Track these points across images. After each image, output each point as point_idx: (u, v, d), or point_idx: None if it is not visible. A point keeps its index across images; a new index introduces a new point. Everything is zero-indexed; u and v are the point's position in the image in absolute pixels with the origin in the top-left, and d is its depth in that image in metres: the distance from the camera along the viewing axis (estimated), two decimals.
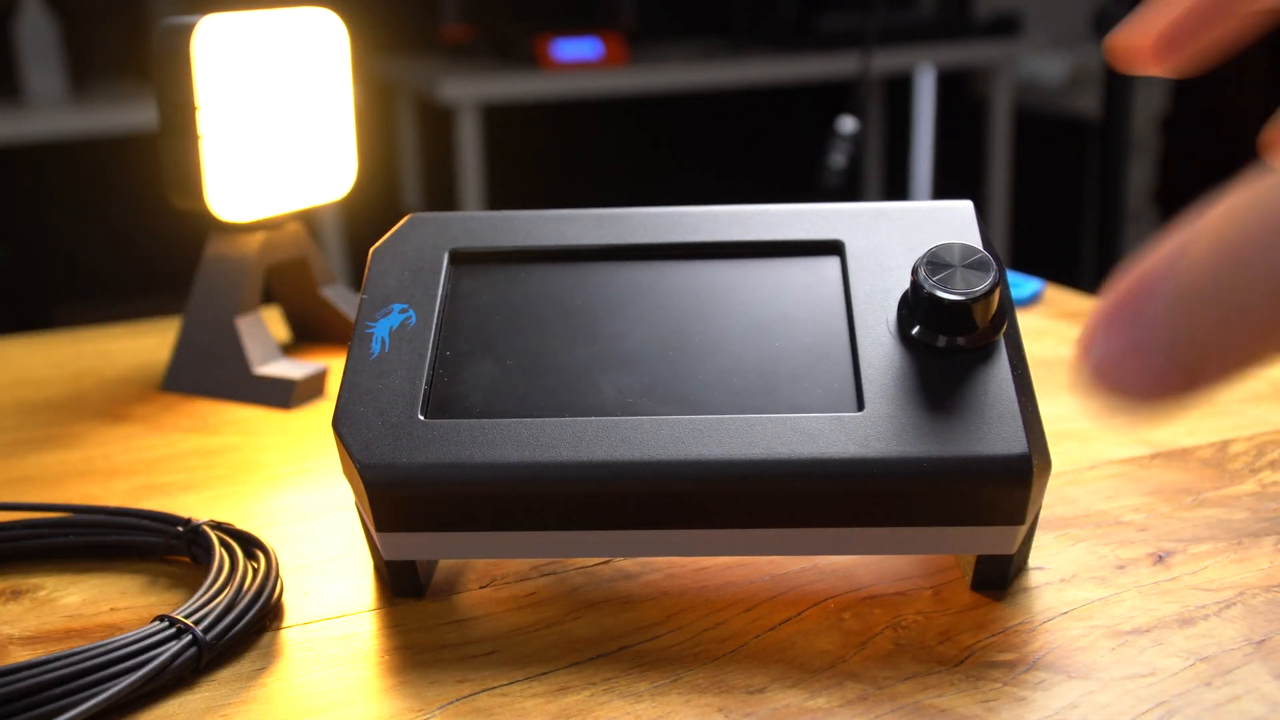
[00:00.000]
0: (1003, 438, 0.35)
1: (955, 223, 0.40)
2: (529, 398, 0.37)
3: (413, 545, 0.37)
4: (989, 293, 0.36)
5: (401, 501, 0.36)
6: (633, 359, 0.38)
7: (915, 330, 0.37)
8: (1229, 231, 0.20)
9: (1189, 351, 0.21)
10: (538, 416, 0.37)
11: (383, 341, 0.40)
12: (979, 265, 0.36)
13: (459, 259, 0.42)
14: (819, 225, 0.41)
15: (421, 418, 0.37)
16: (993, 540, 0.36)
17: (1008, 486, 0.35)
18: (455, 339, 0.40)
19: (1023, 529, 0.36)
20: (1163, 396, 0.21)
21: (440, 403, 0.38)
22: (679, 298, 0.40)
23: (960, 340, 0.36)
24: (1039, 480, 0.35)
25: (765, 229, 0.41)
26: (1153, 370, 0.21)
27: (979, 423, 0.35)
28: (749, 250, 0.41)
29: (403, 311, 0.41)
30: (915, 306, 0.37)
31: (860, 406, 0.36)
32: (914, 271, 0.36)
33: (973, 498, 0.35)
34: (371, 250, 0.42)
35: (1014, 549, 0.36)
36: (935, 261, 0.36)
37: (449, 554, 0.38)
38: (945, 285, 0.36)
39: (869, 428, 0.35)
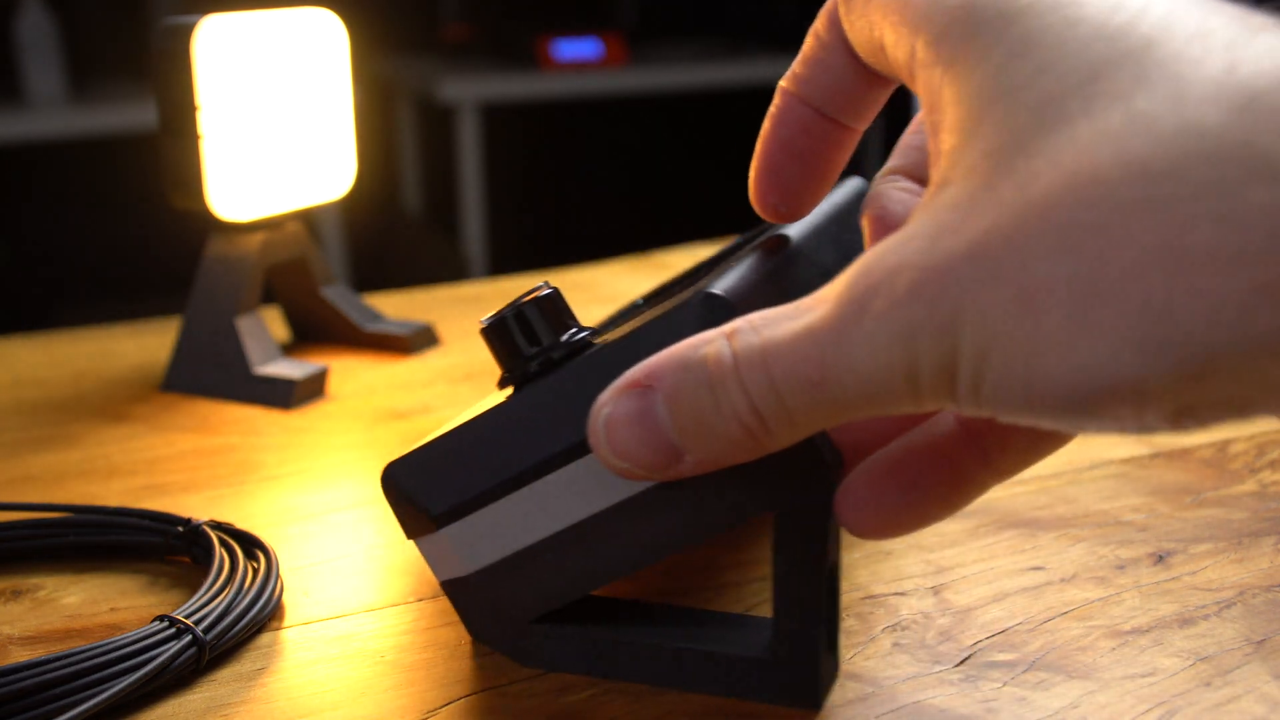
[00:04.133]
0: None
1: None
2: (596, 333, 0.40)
3: None
4: (494, 322, 0.33)
5: None
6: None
7: None
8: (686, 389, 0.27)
9: (673, 437, 0.28)
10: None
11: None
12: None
13: None
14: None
15: None
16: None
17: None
18: (683, 281, 0.45)
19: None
20: (652, 465, 0.28)
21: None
22: None
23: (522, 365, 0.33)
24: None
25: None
26: (649, 438, 0.28)
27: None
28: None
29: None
30: None
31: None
32: None
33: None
34: None
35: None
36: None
37: None
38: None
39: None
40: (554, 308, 0.33)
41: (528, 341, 0.33)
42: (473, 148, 2.26)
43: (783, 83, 0.33)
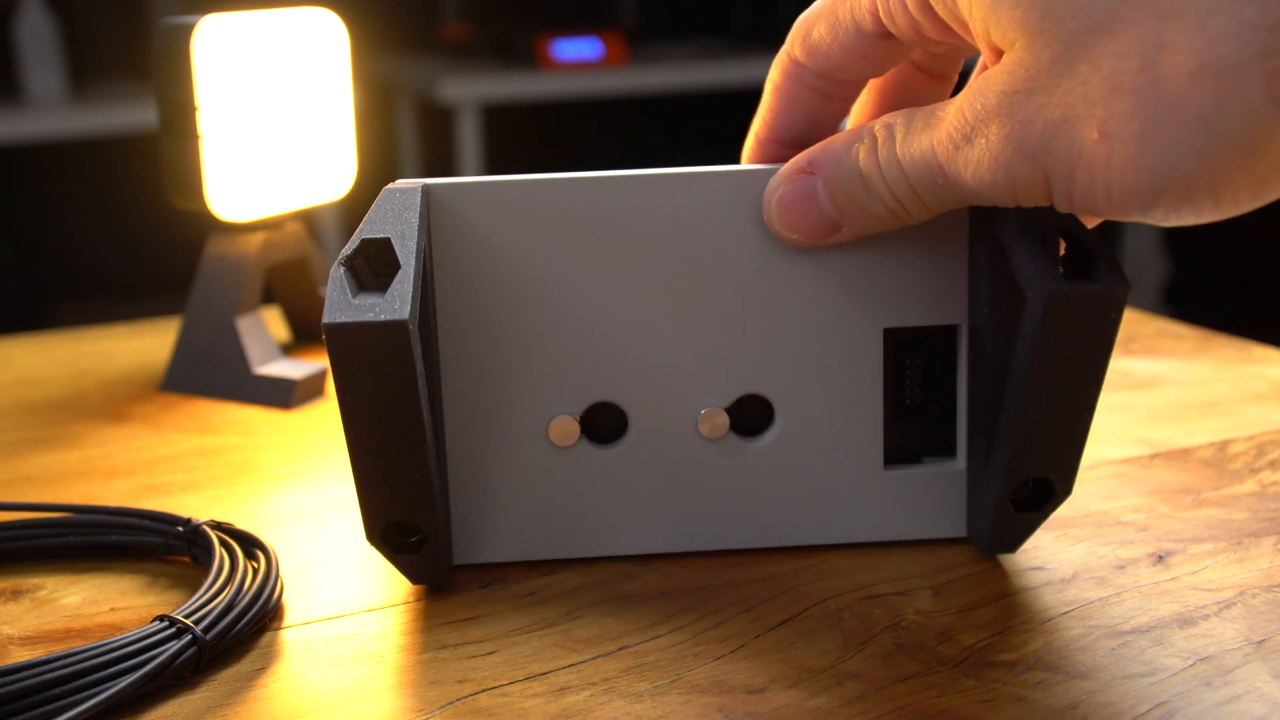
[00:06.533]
0: None
1: None
2: None
3: None
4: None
5: None
6: None
7: None
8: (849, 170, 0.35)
9: (832, 214, 0.36)
10: None
11: None
12: None
13: None
14: None
15: None
16: None
17: None
18: None
19: None
20: (815, 234, 0.36)
21: None
22: None
23: None
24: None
25: None
26: (813, 213, 0.36)
27: None
28: None
29: None
30: None
31: None
32: None
33: None
34: None
35: None
36: None
37: None
38: None
39: None
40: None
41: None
42: (473, 148, 2.26)
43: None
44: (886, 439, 0.40)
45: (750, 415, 0.40)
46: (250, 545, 0.40)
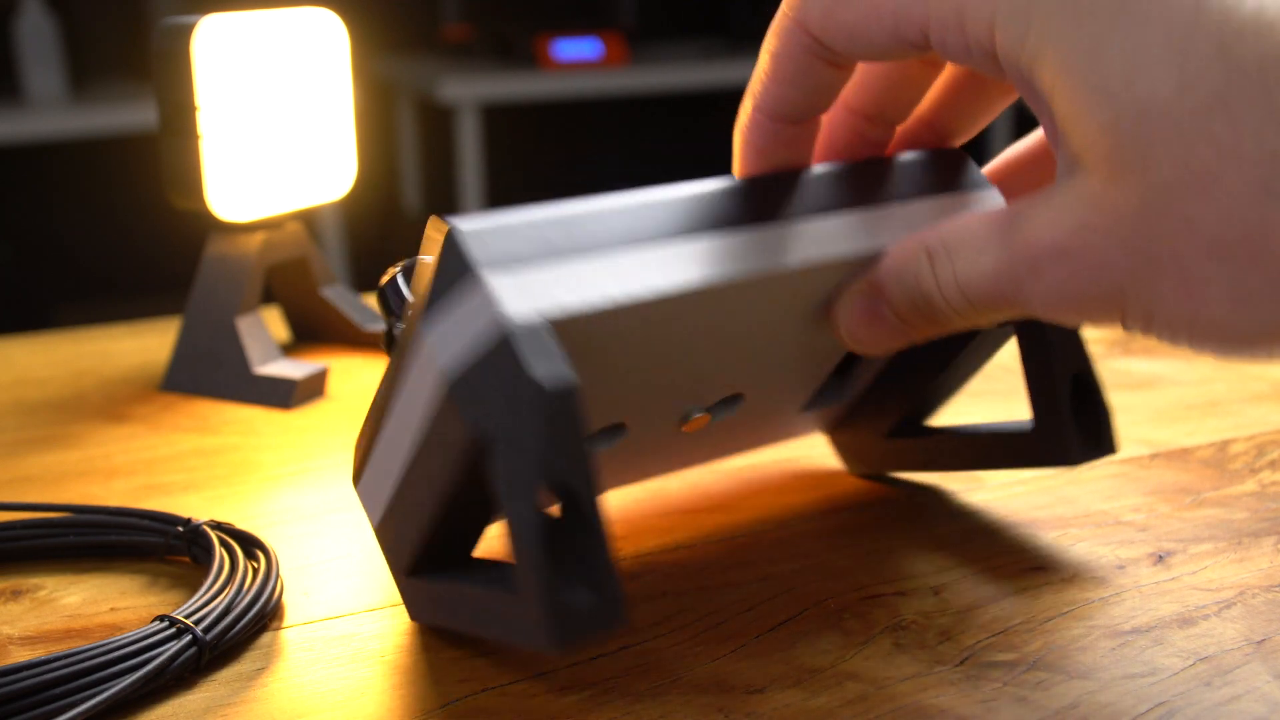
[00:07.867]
0: None
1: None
2: None
3: None
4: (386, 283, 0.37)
5: None
6: None
7: None
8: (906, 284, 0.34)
9: (903, 328, 0.35)
10: None
11: None
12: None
13: None
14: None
15: None
16: None
17: None
18: None
19: None
20: (889, 346, 0.36)
21: None
22: None
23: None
24: None
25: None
26: (883, 330, 0.35)
27: None
28: None
29: None
30: None
31: None
32: None
33: None
34: None
35: None
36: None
37: None
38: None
39: None
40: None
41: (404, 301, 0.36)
42: (473, 148, 2.26)
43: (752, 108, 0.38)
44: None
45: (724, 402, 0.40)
46: (250, 545, 0.40)
